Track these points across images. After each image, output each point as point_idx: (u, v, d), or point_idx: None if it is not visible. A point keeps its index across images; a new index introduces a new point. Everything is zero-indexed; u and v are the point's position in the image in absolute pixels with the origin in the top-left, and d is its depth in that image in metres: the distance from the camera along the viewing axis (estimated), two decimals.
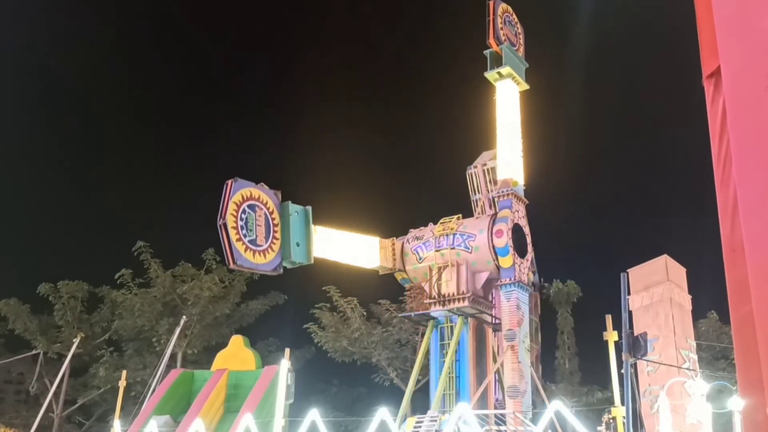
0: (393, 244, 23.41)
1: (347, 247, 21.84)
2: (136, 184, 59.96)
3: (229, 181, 18.21)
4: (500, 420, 20.38)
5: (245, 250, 18.09)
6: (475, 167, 24.76)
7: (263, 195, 19.01)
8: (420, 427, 19.68)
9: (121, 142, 57.29)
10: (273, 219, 19.18)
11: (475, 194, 24.76)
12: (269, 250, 18.87)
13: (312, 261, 20.19)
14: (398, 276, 23.89)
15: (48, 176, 53.65)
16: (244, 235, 18.16)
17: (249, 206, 18.52)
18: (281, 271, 19.36)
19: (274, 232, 19.13)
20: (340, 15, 60.85)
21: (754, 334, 3.86)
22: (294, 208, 19.84)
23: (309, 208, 20.35)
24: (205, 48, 62.42)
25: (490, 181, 24.42)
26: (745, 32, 4.06)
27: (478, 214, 24.15)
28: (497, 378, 22.46)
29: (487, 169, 24.40)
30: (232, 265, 18.05)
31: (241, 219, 18.19)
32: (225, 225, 17.66)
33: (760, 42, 3.93)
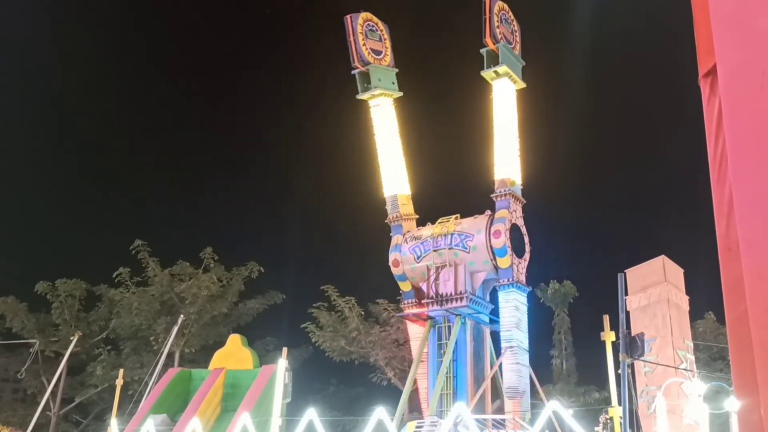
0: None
1: (392, 150, 25.10)
2: (134, 182, 59.92)
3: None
4: (499, 424, 20.39)
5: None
6: None
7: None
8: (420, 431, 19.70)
9: (119, 140, 57.28)
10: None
11: None
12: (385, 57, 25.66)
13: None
14: (395, 272, 23.91)
15: (46, 174, 53.62)
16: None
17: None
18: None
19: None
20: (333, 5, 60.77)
21: (749, 333, 3.85)
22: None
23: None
24: (206, 46, 62.44)
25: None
26: (741, 30, 4.06)
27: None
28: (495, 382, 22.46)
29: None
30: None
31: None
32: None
33: (757, 40, 3.93)
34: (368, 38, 24.99)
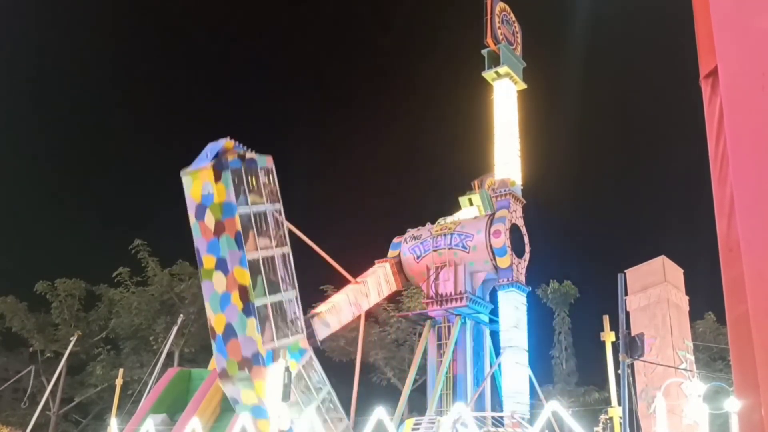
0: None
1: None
2: (134, 181, 59.89)
3: None
4: (498, 422, 20.39)
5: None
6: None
7: None
8: (418, 429, 19.68)
9: (119, 139, 57.24)
10: None
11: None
12: None
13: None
14: (395, 239, 24.06)
15: (45, 173, 53.58)
16: None
17: None
18: None
19: None
20: (334, 12, 60.92)
21: (750, 334, 3.85)
22: None
23: None
24: (205, 41, 62.36)
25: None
26: (742, 31, 4.06)
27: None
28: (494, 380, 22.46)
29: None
30: None
31: None
32: None
33: (757, 41, 3.94)
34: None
